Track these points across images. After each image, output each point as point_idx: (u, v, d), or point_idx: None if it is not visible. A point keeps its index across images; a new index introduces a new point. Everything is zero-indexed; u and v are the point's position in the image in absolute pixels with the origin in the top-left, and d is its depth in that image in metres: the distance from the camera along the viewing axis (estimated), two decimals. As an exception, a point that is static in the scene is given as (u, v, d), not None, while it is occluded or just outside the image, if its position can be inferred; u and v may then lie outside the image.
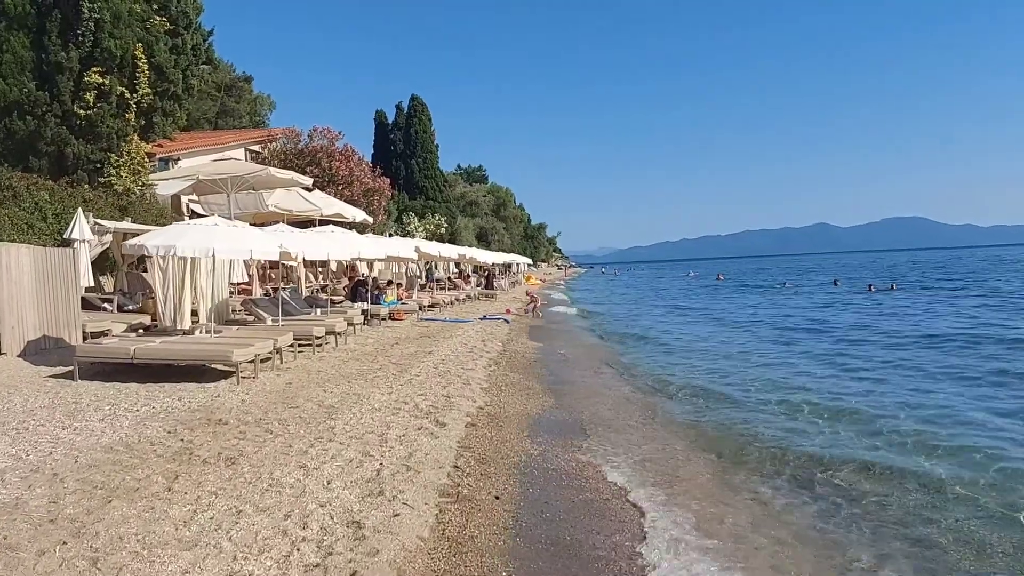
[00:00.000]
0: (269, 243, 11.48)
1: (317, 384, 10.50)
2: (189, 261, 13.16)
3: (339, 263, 27.38)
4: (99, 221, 16.79)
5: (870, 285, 43.17)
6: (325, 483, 5.85)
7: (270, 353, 11.39)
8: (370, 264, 33.42)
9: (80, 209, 14.64)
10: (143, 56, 22.36)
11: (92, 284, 14.94)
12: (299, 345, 13.84)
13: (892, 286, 42.33)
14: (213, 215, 23.99)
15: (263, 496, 5.51)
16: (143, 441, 7.03)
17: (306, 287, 24.41)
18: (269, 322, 14.55)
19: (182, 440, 7.10)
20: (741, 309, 32.14)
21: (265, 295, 21.11)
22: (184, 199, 26.68)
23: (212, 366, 10.73)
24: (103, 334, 13.54)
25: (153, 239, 10.87)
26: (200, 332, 11.97)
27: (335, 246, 15.10)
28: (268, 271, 26.77)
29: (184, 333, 11.81)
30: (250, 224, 18.43)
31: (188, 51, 24.12)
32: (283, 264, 22.63)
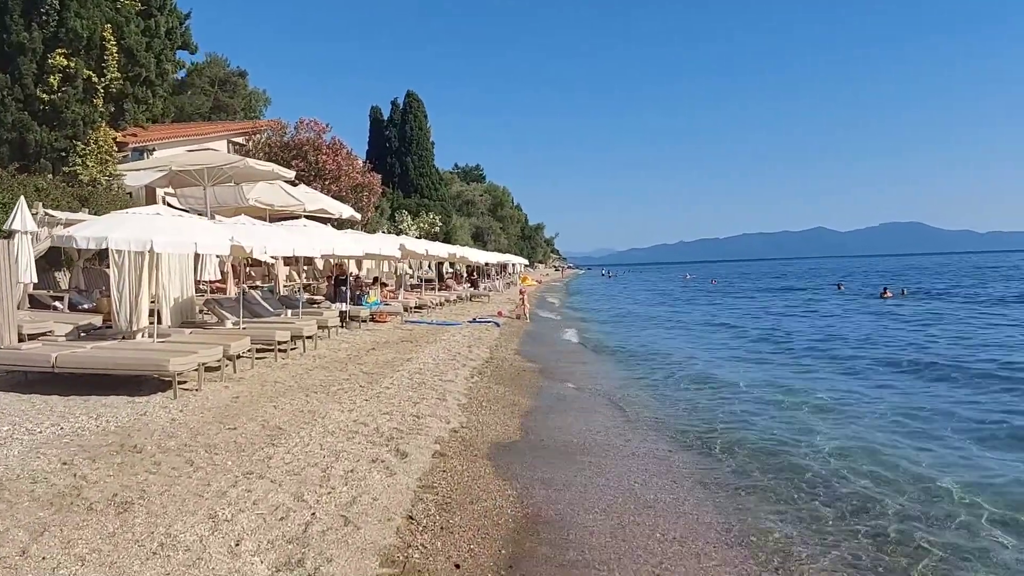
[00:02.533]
0: (218, 236, 10.09)
1: (269, 398, 9.13)
2: (147, 256, 11.83)
3: (326, 261, 25.96)
4: (49, 212, 15.42)
5: (884, 289, 41.80)
6: (233, 545, 4.48)
7: (218, 362, 10.01)
8: (359, 262, 32.08)
9: (22, 198, 13.24)
10: (112, 38, 21.03)
11: (34, 280, 13.53)
12: (264, 351, 12.50)
13: (903, 291, 41.16)
14: (190, 210, 22.77)
15: (144, 566, 4.15)
16: (24, 476, 5.66)
17: (284, 286, 23.05)
18: (229, 325, 13.18)
19: (75, 475, 5.73)
20: (760, 318, 30.53)
21: (243, 293, 19.64)
22: (160, 192, 25.29)
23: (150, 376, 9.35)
24: (43, 335, 12.13)
25: (83, 230, 9.50)
26: (143, 336, 10.59)
27: (303, 241, 13.70)
28: (248, 268, 25.37)
29: (124, 337, 10.44)
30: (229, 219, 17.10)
31: (162, 34, 22.77)
32: (264, 261, 21.30)
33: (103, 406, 8.15)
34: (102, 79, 20.89)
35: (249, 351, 11.36)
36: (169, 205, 24.92)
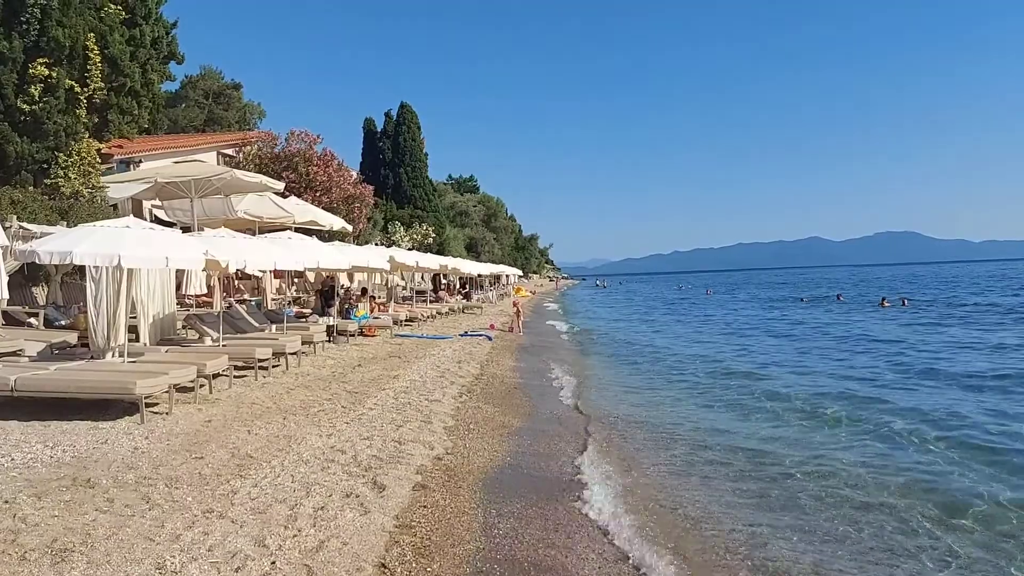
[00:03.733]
0: (192, 250, 9.57)
1: (244, 422, 8.60)
2: (126, 270, 11.33)
3: (317, 274, 25.41)
4: (24, 225, 14.88)
5: (883, 299, 41.57)
6: (177, 602, 3.97)
7: (192, 382, 9.47)
8: (350, 275, 31.54)
9: (-8, 210, 12.72)
10: (95, 47, 20.57)
11: (5, 296, 12.96)
12: (244, 369, 11.98)
13: (903, 301, 40.82)
14: (178, 223, 22.23)
15: (71, 630, 3.63)
16: (-43, 519, 5.13)
17: (272, 300, 22.52)
18: (208, 342, 12.65)
19: (15, 516, 5.19)
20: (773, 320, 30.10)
21: (228, 308, 19.08)
22: (147, 204, 24.79)
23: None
24: (13, 354, 11.58)
25: (47, 243, 9.00)
26: (113, 355, 10.05)
27: (285, 254, 13.18)
28: (237, 281, 24.84)
29: (93, 357, 9.90)
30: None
31: (147, 43, 22.32)
32: (252, 275, 20.77)
33: (63, 433, 7.62)
34: (85, 89, 20.40)
35: (227, 370, 10.84)
36: (156, 218, 24.46)
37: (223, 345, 12.31)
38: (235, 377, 11.60)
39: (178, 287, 20.45)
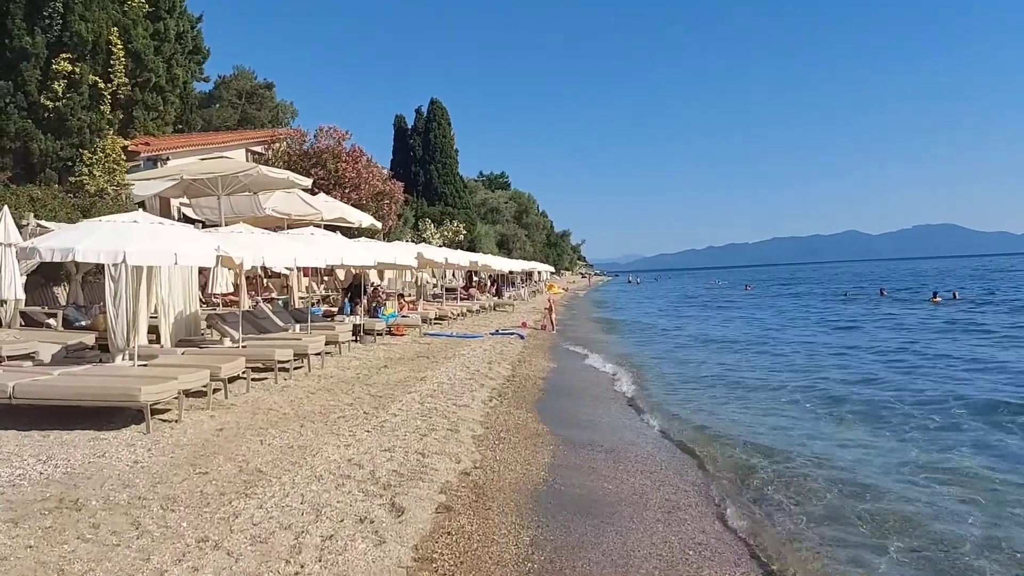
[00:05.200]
0: (202, 246, 8.97)
1: (257, 430, 7.97)
2: (146, 267, 10.82)
3: (347, 271, 24.89)
4: (42, 223, 14.50)
5: (934, 293, 39.76)
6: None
7: (204, 387, 8.86)
8: (380, 272, 31.01)
9: (5, 207, 12.30)
10: (119, 42, 20.19)
11: (20, 296, 12.57)
12: (265, 371, 11.39)
13: (954, 294, 39.16)
14: (205, 220, 21.83)
15: None
16: (-81, 550, 4.52)
17: (300, 298, 22.02)
18: (227, 343, 12.09)
19: (-17, 547, 4.58)
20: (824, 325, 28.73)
21: (254, 307, 18.56)
22: (175, 202, 24.48)
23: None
24: (28, 357, 11.11)
25: (49, 240, 8.45)
26: (123, 358, 9.50)
27: (306, 251, 12.56)
28: (266, 280, 24.44)
29: (100, 361, 9.36)
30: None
31: (172, 38, 21.92)
32: (280, 273, 20.29)
33: (60, 444, 7.04)
34: (109, 85, 20.05)
35: (244, 373, 10.25)
36: (184, 216, 24.15)
37: (243, 346, 11.75)
38: (255, 380, 11.04)
39: (204, 286, 20.05)
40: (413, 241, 39.88)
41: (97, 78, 19.85)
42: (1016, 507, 6.73)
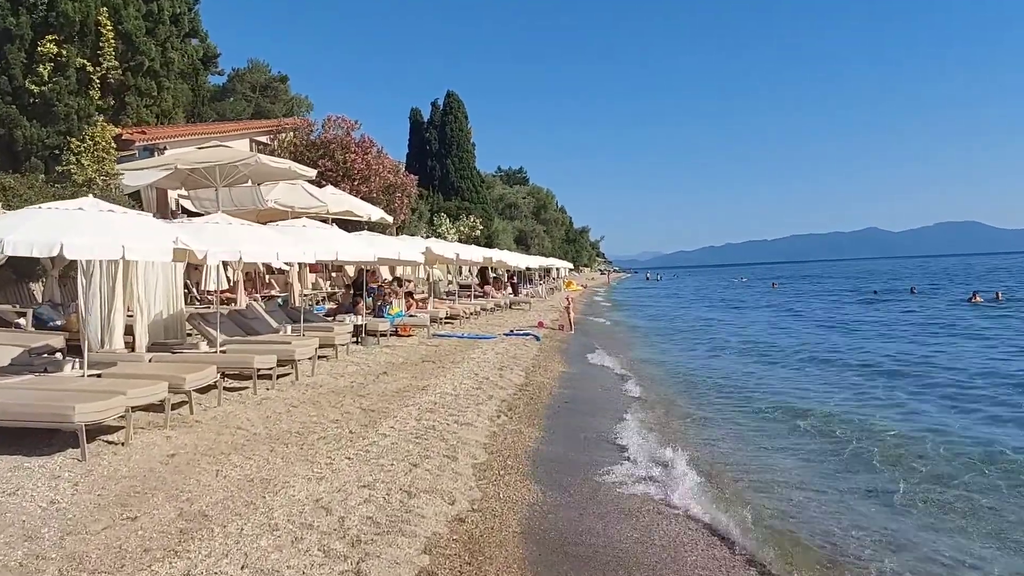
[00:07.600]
0: (157, 239, 7.63)
1: (216, 457, 6.63)
2: (120, 261, 9.59)
3: (357, 267, 23.58)
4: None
5: (974, 293, 37.46)
6: None
7: (161, 401, 7.53)
8: (391, 268, 29.72)
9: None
10: (108, 23, 18.94)
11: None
12: (246, 379, 10.09)
13: (997, 295, 36.82)
14: (206, 213, 20.62)
15: None
16: None
17: (303, 295, 20.75)
18: (203, 347, 10.80)
19: None
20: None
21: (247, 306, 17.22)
22: (172, 194, 23.31)
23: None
24: (-19, 362, 9.87)
25: (-28, 230, 7.16)
26: (72, 367, 8.22)
27: (292, 245, 11.20)
28: (268, 276, 23.22)
29: (45, 370, 8.08)
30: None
31: (166, 19, 20.67)
32: (282, 268, 19.06)
33: (-31, 477, 5.75)
34: (98, 68, 18.86)
35: (218, 382, 8.95)
36: (183, 208, 22.96)
37: (220, 351, 10.45)
38: (233, 390, 9.75)
39: (198, 283, 18.81)
40: (429, 236, 38.60)
41: (85, 61, 18.67)
42: None
